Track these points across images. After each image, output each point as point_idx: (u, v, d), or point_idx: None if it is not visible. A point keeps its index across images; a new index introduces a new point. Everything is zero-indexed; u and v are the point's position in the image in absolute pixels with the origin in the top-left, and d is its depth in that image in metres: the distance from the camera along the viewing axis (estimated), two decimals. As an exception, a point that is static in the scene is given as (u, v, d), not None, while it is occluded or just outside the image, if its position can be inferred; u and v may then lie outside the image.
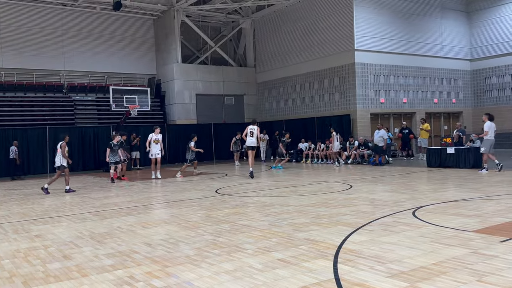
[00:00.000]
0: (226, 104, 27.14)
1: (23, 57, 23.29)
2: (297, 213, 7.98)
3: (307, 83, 24.10)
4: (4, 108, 21.82)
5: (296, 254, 5.26)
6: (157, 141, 15.87)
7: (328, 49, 22.55)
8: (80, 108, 24.03)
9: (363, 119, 21.43)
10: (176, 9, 25.25)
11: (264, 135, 22.74)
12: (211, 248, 5.74)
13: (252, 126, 15.12)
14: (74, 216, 8.72)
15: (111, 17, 25.58)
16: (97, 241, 6.45)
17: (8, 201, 11.40)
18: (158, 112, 25.49)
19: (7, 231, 7.45)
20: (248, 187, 12.45)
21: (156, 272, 4.83)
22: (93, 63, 25.18)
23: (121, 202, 10.49)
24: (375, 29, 21.76)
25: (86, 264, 5.25)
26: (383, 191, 10.46)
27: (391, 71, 22.40)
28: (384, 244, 5.58)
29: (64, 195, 12.25)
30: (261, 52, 27.42)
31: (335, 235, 6.11)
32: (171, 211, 8.79)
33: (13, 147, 18.17)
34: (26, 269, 5.12)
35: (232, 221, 7.49)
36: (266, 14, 26.60)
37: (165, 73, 26.09)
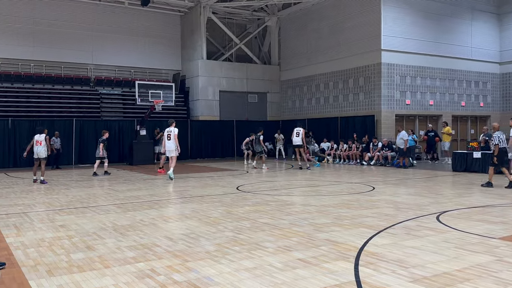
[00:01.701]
0: (249, 101, 27.18)
1: (53, 50, 23.80)
2: (318, 213, 7.93)
3: (332, 82, 23.92)
4: (32, 100, 22.36)
5: (317, 255, 5.23)
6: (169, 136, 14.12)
7: (354, 48, 22.31)
8: (106, 102, 24.42)
9: (387, 120, 21.15)
10: (203, 6, 25.38)
11: (279, 135, 22.61)
12: (232, 244, 5.76)
13: (298, 128, 17.52)
14: (98, 207, 8.87)
15: (138, 13, 25.89)
16: (120, 233, 6.55)
17: (34, 191, 11.68)
18: (181, 107, 25.70)
19: (32, 220, 7.63)
20: (268, 185, 12.44)
21: (177, 266, 4.88)
22: (120, 58, 25.56)
23: (144, 195, 10.63)
24: (403, 29, 21.43)
25: (108, 255, 5.33)
26: (407, 194, 10.31)
27: (418, 72, 22.03)
28: (406, 248, 5.49)
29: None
30: (286, 50, 27.32)
31: (357, 237, 6.05)
32: (192, 206, 8.86)
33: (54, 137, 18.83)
34: (51, 258, 5.23)
35: (253, 218, 7.49)
36: (292, 12, 26.49)
37: (190, 69, 26.28)
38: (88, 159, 21.28)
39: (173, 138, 13.94)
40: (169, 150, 14.13)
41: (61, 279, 4.48)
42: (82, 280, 4.45)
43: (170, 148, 14.07)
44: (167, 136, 14.14)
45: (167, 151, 14.24)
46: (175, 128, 14.16)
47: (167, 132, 14.20)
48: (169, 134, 14.06)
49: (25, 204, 9.42)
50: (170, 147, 14.05)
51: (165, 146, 14.24)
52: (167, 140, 14.12)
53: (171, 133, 14.02)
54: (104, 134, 16.28)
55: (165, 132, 14.31)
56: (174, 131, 14.03)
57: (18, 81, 22.86)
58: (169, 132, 14.10)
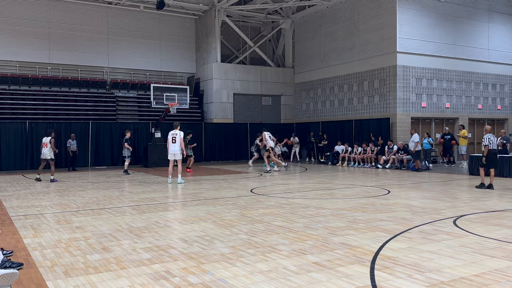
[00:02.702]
0: (263, 104, 27.19)
1: (69, 53, 24.14)
2: (332, 216, 7.89)
3: (346, 85, 23.80)
4: (49, 102, 22.68)
5: (332, 258, 5.20)
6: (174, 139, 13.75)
7: (369, 51, 22.18)
8: (122, 104, 24.66)
9: (403, 123, 20.96)
10: (217, 9, 25.50)
11: (294, 138, 22.20)
12: (246, 247, 5.76)
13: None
14: (114, 209, 8.95)
15: (154, 16, 26.13)
16: (135, 234, 6.60)
17: (50, 192, 11.84)
18: (196, 110, 25.83)
19: (49, 221, 7.73)
20: (282, 188, 12.42)
21: (192, 268, 4.89)
22: (136, 61, 25.82)
23: (159, 197, 10.69)
24: (419, 31, 21.24)
25: (124, 257, 5.37)
26: (422, 198, 10.19)
27: (434, 75, 21.81)
28: (423, 252, 5.43)
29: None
30: (300, 52, 27.29)
31: (372, 241, 6.00)
32: (207, 209, 8.88)
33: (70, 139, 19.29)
34: (67, 259, 5.29)
35: (267, 221, 7.48)
36: (307, 15, 26.46)
37: (204, 72, 26.40)
38: (104, 161, 21.54)
39: (178, 141, 13.64)
40: (173, 154, 13.78)
41: (77, 280, 4.53)
42: (98, 281, 4.49)
43: (175, 152, 13.74)
44: (172, 139, 13.76)
45: (170, 154, 13.80)
46: (181, 132, 13.86)
47: (171, 135, 13.82)
48: (174, 137, 13.71)
49: (42, 205, 9.55)
50: (175, 151, 13.72)
51: (169, 150, 13.81)
52: (171, 143, 13.73)
53: (177, 136, 13.70)
54: (126, 133, 17.42)
55: (170, 135, 13.91)
56: (180, 135, 13.72)
57: (36, 84, 23.23)
58: (174, 135, 13.75)
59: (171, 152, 13.79)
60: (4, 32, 22.72)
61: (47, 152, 14.38)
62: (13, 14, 22.89)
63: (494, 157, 11.71)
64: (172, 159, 13.95)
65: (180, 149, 13.69)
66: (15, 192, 11.82)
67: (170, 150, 13.78)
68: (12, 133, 19.79)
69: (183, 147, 13.82)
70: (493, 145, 11.57)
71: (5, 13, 22.75)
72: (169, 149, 13.83)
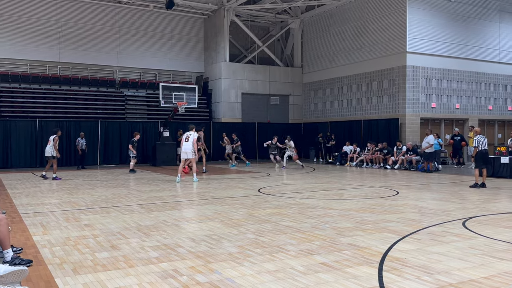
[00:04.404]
0: (271, 103, 27.18)
1: (79, 52, 24.31)
2: (340, 217, 7.86)
3: (355, 84, 23.72)
4: (59, 101, 22.87)
5: (340, 259, 5.18)
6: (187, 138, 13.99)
7: (378, 50, 22.08)
8: (131, 103, 24.79)
9: (412, 123, 20.84)
10: (226, 9, 25.53)
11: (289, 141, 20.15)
12: (253, 247, 5.76)
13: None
14: (122, 207, 9.00)
15: (163, 16, 26.22)
16: (143, 233, 6.63)
17: (60, 190, 11.93)
18: (204, 109, 25.89)
19: (58, 219, 7.79)
20: (290, 188, 12.40)
21: (200, 267, 4.90)
22: (145, 60, 25.94)
23: (167, 196, 10.73)
24: (429, 32, 21.10)
25: (132, 255, 5.40)
26: (431, 199, 10.13)
27: (444, 75, 21.66)
28: (432, 254, 5.39)
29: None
30: (309, 52, 27.24)
31: (380, 242, 5.96)
32: (215, 208, 8.89)
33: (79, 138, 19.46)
34: (76, 257, 5.32)
35: (274, 221, 7.48)
36: (316, 14, 26.40)
37: (213, 71, 26.45)
38: (112, 159, 21.67)
39: (191, 141, 13.80)
40: (185, 152, 13.94)
41: (86, 278, 4.55)
42: (107, 279, 4.51)
43: (187, 150, 13.85)
44: (185, 138, 14.02)
45: (183, 152, 14.02)
46: (195, 133, 14.07)
47: (186, 135, 14.12)
48: (188, 137, 13.95)
49: (52, 203, 9.63)
50: (187, 149, 13.84)
51: (182, 147, 14.06)
52: (184, 142, 13.96)
53: (190, 137, 13.91)
54: (135, 136, 17.74)
55: (184, 135, 14.25)
56: (194, 135, 13.92)
57: (46, 83, 23.43)
58: (188, 135, 14.01)
59: (184, 150, 13.96)
60: (16, 31, 22.93)
61: (49, 149, 14.67)
62: (24, 14, 23.10)
63: (484, 157, 12.19)
64: (184, 157, 14.25)
65: (192, 148, 13.82)
66: (25, 190, 11.93)
67: (183, 148, 13.97)
68: (22, 131, 19.98)
69: (195, 147, 13.94)
70: (483, 145, 12.10)
71: (17, 13, 22.96)
72: (182, 147, 14.04)
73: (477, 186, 12.16)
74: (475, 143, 12.15)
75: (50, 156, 14.66)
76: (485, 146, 12.18)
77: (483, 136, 12.37)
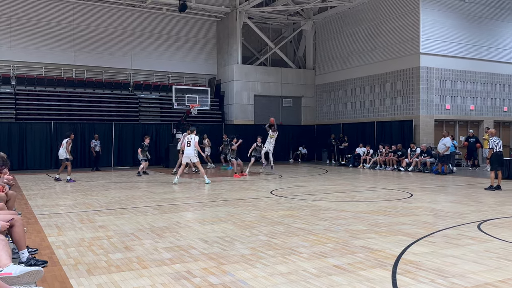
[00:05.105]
0: (283, 105, 27.16)
1: (94, 55, 24.57)
2: (353, 219, 7.82)
3: (368, 86, 23.59)
4: (74, 103, 23.13)
5: (353, 262, 5.15)
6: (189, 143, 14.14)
7: (391, 52, 21.94)
8: (144, 106, 24.98)
9: (426, 125, 20.65)
10: (239, 11, 25.60)
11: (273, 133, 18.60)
12: (266, 249, 5.76)
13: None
14: (136, 209, 9.07)
15: (176, 19, 26.39)
16: (156, 234, 6.67)
17: (74, 191, 12.07)
18: (216, 111, 25.97)
19: (73, 220, 7.88)
20: (302, 190, 12.37)
21: (212, 268, 4.92)
22: (158, 63, 26.12)
23: (179, 198, 10.78)
24: (443, 33, 20.90)
25: (146, 256, 5.43)
26: (446, 202, 10.02)
27: (458, 76, 21.42)
28: (446, 257, 5.33)
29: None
30: (321, 54, 27.17)
31: (394, 245, 5.92)
32: (227, 210, 8.91)
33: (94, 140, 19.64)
34: (90, 258, 5.37)
35: (287, 223, 7.46)
36: (328, 16, 26.33)
37: (225, 73, 26.53)
38: (126, 161, 21.85)
39: (193, 145, 13.96)
40: (188, 157, 14.13)
41: (100, 278, 4.60)
42: (120, 280, 4.55)
43: (189, 155, 14.05)
44: (187, 143, 14.14)
45: (185, 157, 14.22)
46: (196, 136, 14.25)
47: (187, 139, 14.22)
48: (189, 141, 14.09)
49: (66, 204, 9.74)
50: (189, 154, 14.01)
51: (184, 152, 14.20)
52: (186, 147, 14.11)
53: (191, 140, 14.05)
54: (145, 139, 17.65)
55: (185, 139, 14.35)
56: (195, 139, 14.09)
57: (61, 86, 23.73)
58: (189, 139, 14.14)
59: (187, 155, 14.13)
60: (31, 35, 23.28)
61: (62, 152, 14.82)
62: (40, 18, 23.44)
63: (500, 159, 12.11)
64: (186, 162, 14.50)
65: (195, 152, 13.99)
66: (40, 191, 12.08)
67: (185, 153, 14.15)
68: (37, 133, 20.26)
69: (199, 149, 14.18)
70: (498, 147, 12.01)
71: (33, 17, 23.31)
72: (184, 152, 14.24)
73: (492, 188, 12.01)
74: (490, 144, 12.06)
75: (63, 159, 14.81)
76: (500, 148, 12.09)
77: (498, 137, 12.29)
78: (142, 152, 17.34)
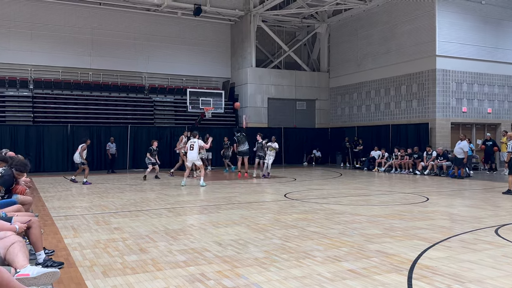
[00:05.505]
0: (297, 108, 27.11)
1: (110, 59, 24.84)
2: (368, 223, 7.75)
3: (383, 89, 23.41)
4: (90, 107, 23.42)
5: (368, 266, 5.11)
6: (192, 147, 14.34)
7: (407, 54, 21.75)
8: (159, 109, 25.16)
9: (442, 128, 20.40)
10: (253, 14, 25.66)
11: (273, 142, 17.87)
12: (280, 252, 5.74)
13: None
14: (151, 211, 9.13)
15: (191, 23, 26.55)
16: (171, 236, 6.70)
17: (90, 194, 12.20)
18: (230, 114, 26.03)
19: (89, 222, 7.96)
20: (316, 193, 12.31)
21: (226, 271, 4.92)
22: (173, 66, 26.31)
23: (193, 200, 10.83)
24: (459, 34, 20.65)
25: (160, 258, 5.46)
26: (463, 206, 9.88)
27: (475, 79, 21.14)
28: (463, 262, 5.25)
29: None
30: (336, 56, 27.07)
31: (410, 249, 5.85)
32: (241, 213, 8.92)
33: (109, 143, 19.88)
34: (106, 260, 5.42)
35: (301, 226, 7.44)
36: (343, 19, 26.23)
37: (239, 76, 26.60)
38: (141, 164, 21.96)
39: (196, 148, 14.21)
40: (191, 160, 14.45)
41: (115, 280, 4.64)
42: (135, 282, 4.58)
43: (192, 159, 14.33)
44: (190, 146, 14.35)
45: (189, 161, 14.53)
46: (199, 140, 14.51)
47: (190, 143, 14.43)
48: (192, 145, 14.30)
49: (82, 206, 9.85)
50: (193, 157, 14.27)
51: (188, 157, 14.46)
52: (189, 150, 14.33)
53: (195, 144, 14.27)
54: (152, 143, 17.30)
55: (188, 143, 14.56)
56: (199, 142, 14.34)
57: (77, 89, 24.04)
58: (192, 143, 14.35)
59: (190, 159, 14.45)
60: (48, 39, 23.64)
61: (77, 157, 15.07)
62: (56, 22, 23.79)
63: None
64: (190, 165, 14.87)
65: (198, 156, 14.39)
66: (57, 193, 12.25)
67: (189, 158, 14.45)
68: (54, 136, 20.56)
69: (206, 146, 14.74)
70: None
71: (49, 21, 23.66)
72: (188, 156, 14.53)
73: (510, 192, 11.84)
74: (508, 148, 11.88)
75: (79, 163, 15.03)
76: None
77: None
78: (151, 156, 16.91)
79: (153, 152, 16.99)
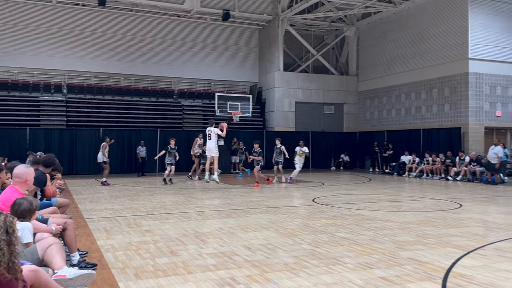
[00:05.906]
0: (325, 112, 26.95)
1: (141, 64, 25.32)
2: (400, 230, 7.61)
3: (414, 92, 23.01)
4: (122, 111, 23.91)
5: (400, 274, 5.01)
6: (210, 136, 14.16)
7: (438, 57, 21.32)
8: (188, 113, 25.47)
9: (475, 133, 19.88)
10: (281, 19, 25.69)
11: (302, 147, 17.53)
12: (310, 258, 5.70)
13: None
14: (180, 214, 9.23)
15: (219, 28, 26.79)
16: (200, 240, 6.75)
17: (121, 196, 12.43)
18: (258, 118, 26.09)
19: (121, 224, 8.11)
20: (345, 198, 12.18)
21: (256, 276, 4.92)
22: (201, 71, 26.59)
23: (222, 204, 10.88)
24: (492, 37, 20.12)
25: (191, 261, 5.51)
26: (497, 213, 9.58)
27: (509, 82, 20.53)
28: (499, 271, 5.09)
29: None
30: (364, 60, 26.78)
31: (443, 257, 5.71)
32: (269, 217, 8.90)
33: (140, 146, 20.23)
34: (138, 262, 5.51)
35: (330, 232, 7.37)
36: (372, 22, 25.95)
37: (267, 81, 26.64)
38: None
39: (214, 138, 13.89)
40: (209, 150, 14.22)
41: (147, 282, 4.70)
42: (167, 284, 4.63)
43: (210, 148, 14.13)
44: (208, 135, 14.08)
45: (208, 151, 14.31)
46: (215, 128, 14.15)
47: (207, 131, 14.16)
48: (210, 133, 13.98)
49: (114, 209, 10.05)
50: (211, 147, 14.07)
51: (207, 147, 14.19)
52: (208, 140, 14.05)
53: (212, 133, 13.94)
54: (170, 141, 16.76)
55: (206, 131, 14.27)
56: (215, 131, 14.00)
57: (109, 94, 24.60)
58: (209, 131, 14.07)
59: (208, 150, 14.26)
60: (83, 45, 24.29)
61: (100, 156, 15.45)
62: (91, 29, 24.43)
63: None
64: (209, 155, 14.39)
65: (215, 146, 13.97)
66: (89, 196, 12.53)
67: (207, 148, 14.24)
68: (87, 139, 21.07)
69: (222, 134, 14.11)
70: None
71: (84, 28, 24.32)
72: (207, 146, 14.27)
73: None
74: None
75: (101, 162, 15.37)
76: None
77: None
78: (169, 156, 16.22)
79: (171, 151, 16.37)
